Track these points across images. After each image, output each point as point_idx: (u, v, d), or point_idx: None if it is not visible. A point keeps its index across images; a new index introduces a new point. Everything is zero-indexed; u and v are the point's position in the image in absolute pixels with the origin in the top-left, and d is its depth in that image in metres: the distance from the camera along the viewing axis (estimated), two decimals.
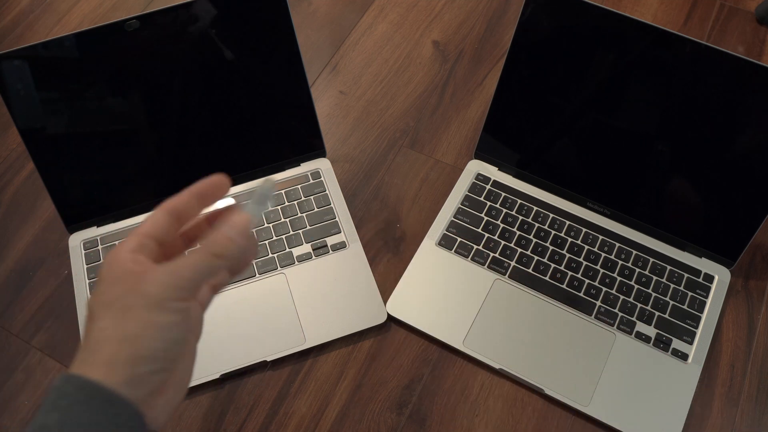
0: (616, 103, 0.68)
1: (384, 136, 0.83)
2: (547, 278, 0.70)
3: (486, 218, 0.74)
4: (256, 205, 0.39)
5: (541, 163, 0.75)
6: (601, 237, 0.72)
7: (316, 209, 0.74)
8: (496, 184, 0.76)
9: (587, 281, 0.70)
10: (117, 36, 0.65)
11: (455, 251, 0.72)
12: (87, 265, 0.72)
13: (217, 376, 0.65)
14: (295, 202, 0.75)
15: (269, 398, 0.66)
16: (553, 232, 0.73)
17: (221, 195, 0.39)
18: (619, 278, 0.70)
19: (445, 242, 0.72)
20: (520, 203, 0.75)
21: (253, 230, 0.38)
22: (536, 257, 0.71)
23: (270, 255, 0.72)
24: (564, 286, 0.69)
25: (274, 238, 0.73)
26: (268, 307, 0.69)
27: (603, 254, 0.71)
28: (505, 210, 0.74)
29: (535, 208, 0.74)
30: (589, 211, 0.74)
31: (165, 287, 0.34)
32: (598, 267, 0.70)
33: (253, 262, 0.71)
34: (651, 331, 0.67)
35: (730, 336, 0.69)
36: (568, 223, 0.73)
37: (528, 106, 0.72)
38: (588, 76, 0.68)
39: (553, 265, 0.71)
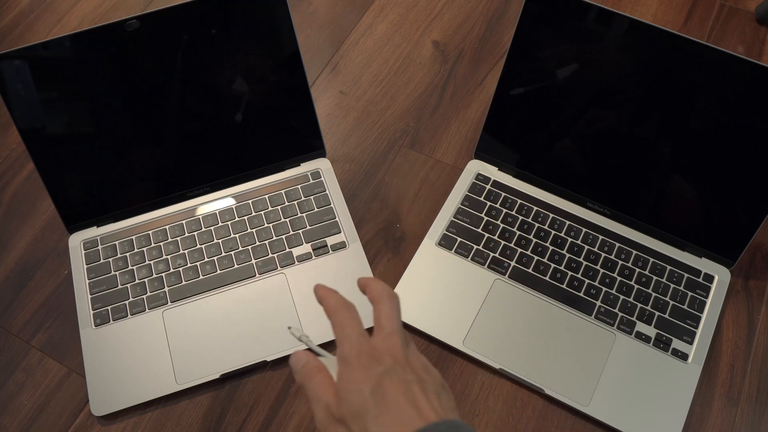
0: (615, 103, 0.68)
1: (384, 136, 0.83)
2: (547, 278, 0.70)
3: (486, 218, 0.74)
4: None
5: (541, 163, 0.75)
6: (601, 237, 0.72)
7: (316, 209, 0.74)
8: (496, 184, 0.76)
9: (587, 281, 0.70)
10: (117, 36, 0.65)
11: (455, 251, 0.72)
12: (87, 265, 0.72)
13: (217, 376, 0.65)
14: (295, 202, 0.75)
15: (269, 398, 0.66)
16: (553, 232, 0.73)
17: None
18: (619, 278, 0.70)
19: (445, 242, 0.72)
20: (520, 203, 0.75)
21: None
22: (536, 257, 0.71)
23: (270, 255, 0.72)
24: (564, 286, 0.69)
25: (274, 238, 0.73)
26: (268, 307, 0.69)
27: (603, 254, 0.71)
28: (505, 210, 0.74)
29: (535, 208, 0.74)
30: (589, 211, 0.74)
31: None
32: (598, 267, 0.70)
33: (253, 261, 0.71)
34: (651, 331, 0.67)
35: (730, 336, 0.69)
36: (568, 223, 0.73)
37: (528, 106, 0.72)
38: (587, 76, 0.68)
39: (553, 265, 0.71)
